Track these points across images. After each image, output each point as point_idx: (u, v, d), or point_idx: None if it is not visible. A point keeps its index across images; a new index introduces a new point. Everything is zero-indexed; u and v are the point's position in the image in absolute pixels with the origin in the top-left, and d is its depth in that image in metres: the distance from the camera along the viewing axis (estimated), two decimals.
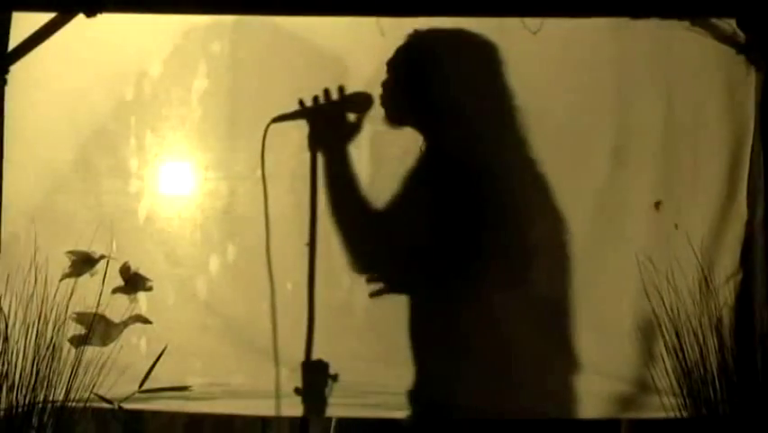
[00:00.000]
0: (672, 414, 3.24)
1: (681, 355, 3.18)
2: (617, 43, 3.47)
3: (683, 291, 3.26)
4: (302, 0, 3.39)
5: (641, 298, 3.30)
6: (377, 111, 3.49)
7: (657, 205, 3.44)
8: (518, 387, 3.41)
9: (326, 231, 3.47)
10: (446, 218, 3.40)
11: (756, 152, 3.37)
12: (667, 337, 3.20)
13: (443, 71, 3.46)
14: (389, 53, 3.48)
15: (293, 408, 3.45)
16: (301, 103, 3.47)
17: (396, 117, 3.48)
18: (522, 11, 3.38)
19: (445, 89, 3.46)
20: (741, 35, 3.40)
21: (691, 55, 3.45)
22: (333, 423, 3.55)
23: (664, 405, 3.26)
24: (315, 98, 3.47)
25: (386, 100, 3.48)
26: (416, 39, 3.46)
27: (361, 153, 3.50)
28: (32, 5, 3.37)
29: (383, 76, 3.49)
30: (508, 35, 3.45)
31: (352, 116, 3.50)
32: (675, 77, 3.46)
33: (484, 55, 3.47)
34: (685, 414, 3.19)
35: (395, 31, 3.47)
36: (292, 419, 4.01)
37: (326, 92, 3.47)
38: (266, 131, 3.46)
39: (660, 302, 3.25)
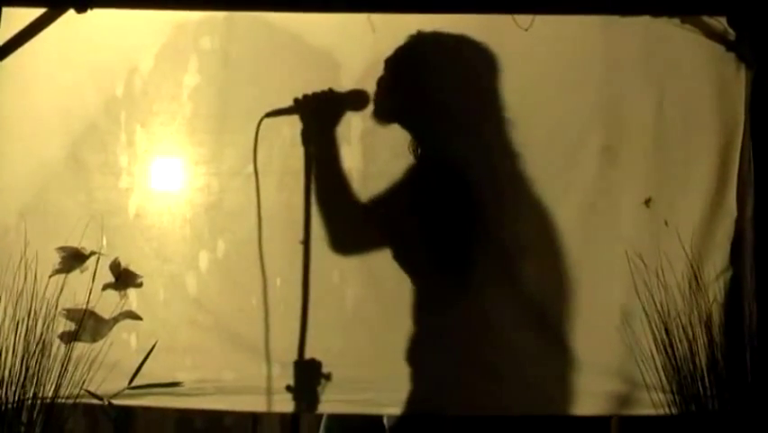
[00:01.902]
0: (661, 411, 3.24)
1: (670, 352, 3.18)
2: (607, 41, 3.47)
3: (673, 288, 3.27)
4: None
5: (631, 294, 3.31)
6: (370, 108, 3.49)
7: (647, 202, 3.45)
8: (509, 384, 3.41)
9: (319, 228, 3.47)
10: (435, 217, 3.40)
11: (746, 149, 3.38)
12: (657, 334, 3.21)
13: (439, 73, 3.46)
14: (380, 50, 3.48)
15: (284, 404, 3.44)
16: (296, 99, 3.46)
17: (386, 114, 3.47)
18: (513, 8, 3.38)
19: (440, 91, 3.45)
20: (731, 33, 3.40)
21: (682, 53, 3.45)
22: (323, 419, 3.55)
23: (654, 401, 3.26)
24: (310, 94, 3.47)
25: (379, 96, 3.47)
26: (417, 40, 3.45)
27: (352, 150, 3.50)
28: (22, 0, 3.36)
29: (374, 72, 3.49)
30: (499, 32, 3.45)
31: (345, 113, 3.50)
32: (665, 74, 3.46)
33: (481, 61, 3.47)
34: (674, 410, 3.19)
35: (386, 27, 3.47)
36: (283, 415, 4.03)
37: (322, 91, 3.46)
38: (258, 126, 3.46)
39: (650, 299, 3.25)
